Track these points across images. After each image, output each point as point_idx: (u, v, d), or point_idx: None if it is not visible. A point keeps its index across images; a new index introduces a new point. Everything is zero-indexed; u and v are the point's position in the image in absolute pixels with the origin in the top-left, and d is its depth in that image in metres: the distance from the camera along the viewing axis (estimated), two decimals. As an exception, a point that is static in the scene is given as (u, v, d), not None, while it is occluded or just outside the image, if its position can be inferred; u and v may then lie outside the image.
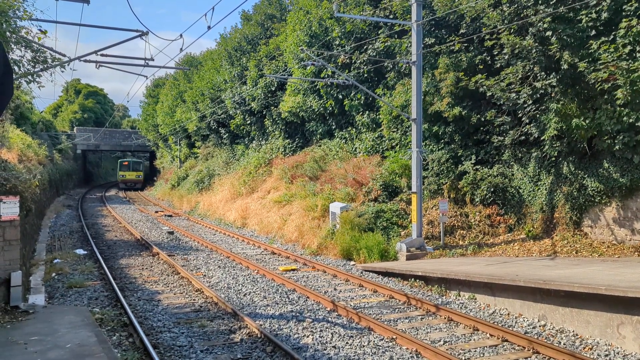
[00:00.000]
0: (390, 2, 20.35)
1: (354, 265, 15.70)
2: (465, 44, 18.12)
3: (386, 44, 21.16)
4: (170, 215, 31.86)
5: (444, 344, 8.89)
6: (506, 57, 15.94)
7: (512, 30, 15.72)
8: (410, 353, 8.38)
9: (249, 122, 34.36)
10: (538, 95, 15.40)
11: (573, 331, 9.37)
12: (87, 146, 64.58)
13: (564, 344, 8.85)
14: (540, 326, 9.78)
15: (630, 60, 12.73)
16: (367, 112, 23.62)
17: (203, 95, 39.51)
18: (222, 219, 28.00)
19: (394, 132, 21.49)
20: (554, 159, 15.69)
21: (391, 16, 20.55)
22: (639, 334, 8.33)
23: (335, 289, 12.77)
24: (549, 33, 14.46)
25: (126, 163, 59.31)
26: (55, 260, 15.82)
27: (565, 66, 14.24)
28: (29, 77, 12.73)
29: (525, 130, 16.19)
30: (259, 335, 9.10)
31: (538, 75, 15.38)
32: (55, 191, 39.83)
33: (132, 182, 58.90)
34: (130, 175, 58.84)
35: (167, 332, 9.40)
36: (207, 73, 39.14)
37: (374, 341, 8.95)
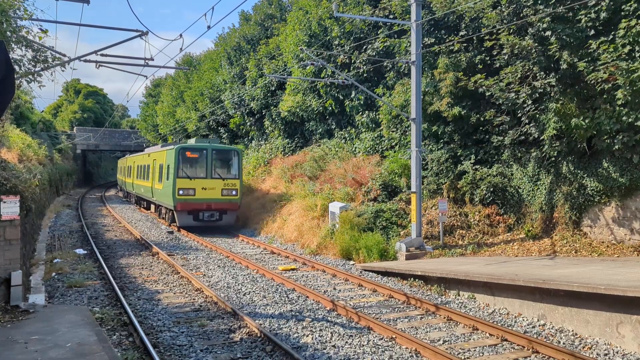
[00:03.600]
0: (389, 2, 20.37)
1: (353, 264, 15.71)
2: (465, 44, 18.13)
3: (385, 44, 21.17)
4: (170, 215, 31.79)
5: (443, 343, 8.91)
6: (505, 57, 15.95)
7: (511, 30, 15.74)
8: (410, 352, 8.40)
9: (248, 122, 34.37)
10: (537, 95, 15.42)
11: (572, 330, 9.39)
12: (86, 146, 64.58)
13: (564, 344, 8.87)
14: (539, 325, 9.80)
15: (629, 61, 12.76)
16: (366, 111, 23.63)
17: (202, 95, 39.52)
18: (221, 218, 27.94)
19: (393, 131, 21.50)
20: (553, 158, 15.70)
21: (390, 16, 20.57)
22: (638, 333, 8.35)
23: (334, 289, 12.79)
24: (548, 33, 14.48)
25: (193, 156, 22.59)
26: (55, 260, 15.82)
27: (565, 66, 14.26)
28: (30, 76, 12.74)
29: (525, 130, 16.21)
30: (258, 335, 9.11)
31: (537, 75, 15.40)
32: (55, 191, 39.83)
33: (214, 209, 22.69)
34: (211, 189, 22.42)
35: (167, 332, 9.41)
36: (206, 73, 39.17)
37: (374, 340, 8.96)
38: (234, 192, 22.55)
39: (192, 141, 24.17)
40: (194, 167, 22.42)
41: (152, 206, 29.27)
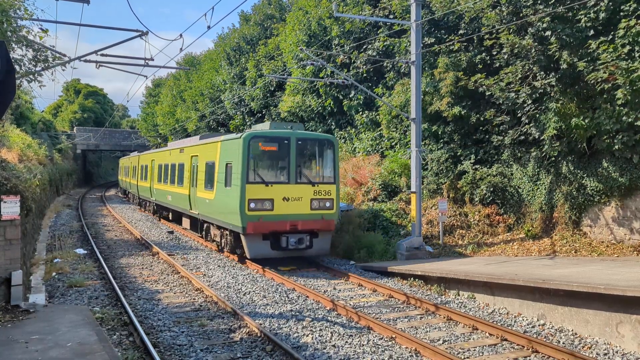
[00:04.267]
0: (389, 1, 20.39)
1: (353, 264, 15.71)
2: (465, 44, 18.15)
3: (385, 44, 21.19)
4: (170, 215, 31.75)
5: (443, 343, 8.91)
6: (505, 56, 15.96)
7: (511, 30, 15.75)
8: (410, 352, 8.41)
9: (248, 122, 34.42)
10: (537, 95, 15.43)
11: (572, 330, 9.40)
12: (87, 146, 64.68)
13: (563, 343, 8.88)
14: (539, 325, 9.81)
15: (629, 60, 12.77)
16: (366, 111, 23.65)
17: (202, 95, 39.56)
18: (221, 218, 27.87)
19: (393, 131, 21.52)
20: (553, 158, 15.71)
21: (390, 16, 20.58)
22: (637, 332, 8.36)
23: (334, 288, 12.79)
24: (548, 33, 14.50)
25: (270, 149, 14.98)
26: (56, 260, 15.83)
27: (565, 66, 14.27)
28: (30, 76, 12.77)
29: (525, 130, 16.22)
30: (258, 335, 9.12)
31: (537, 74, 15.41)
32: (55, 191, 39.85)
33: (302, 231, 14.75)
34: (296, 200, 14.74)
35: (167, 331, 9.42)
36: (207, 73, 39.23)
37: (374, 340, 8.97)
38: (328, 204, 15.07)
39: (263, 127, 16.06)
40: (272, 166, 15.17)
41: (186, 221, 21.61)
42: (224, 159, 15.83)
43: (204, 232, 19.24)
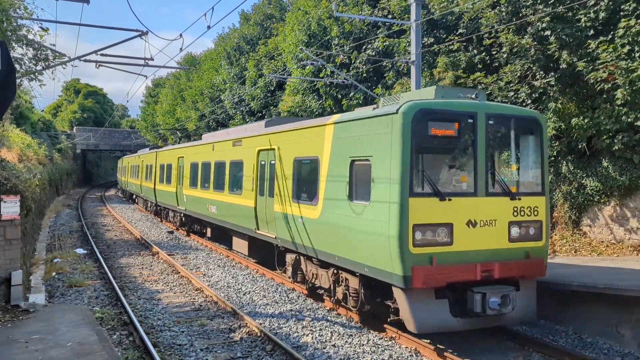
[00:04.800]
0: (388, 1, 20.39)
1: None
2: (464, 44, 18.14)
3: (385, 44, 21.19)
4: (170, 215, 31.74)
5: (442, 342, 8.92)
6: (505, 55, 15.96)
7: (510, 29, 15.75)
8: (410, 352, 8.41)
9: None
10: (537, 95, 15.43)
11: (572, 330, 9.40)
12: (86, 146, 64.72)
13: (563, 343, 8.88)
14: (539, 325, 9.81)
15: (629, 60, 12.77)
16: (366, 111, 23.63)
17: (202, 95, 39.58)
18: (221, 218, 27.85)
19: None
20: (553, 158, 15.71)
21: (390, 16, 20.58)
22: (637, 332, 8.37)
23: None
24: (547, 32, 14.50)
25: (445, 133, 8.28)
26: (56, 260, 15.84)
27: (564, 65, 14.27)
28: (31, 75, 12.79)
29: (525, 129, 16.21)
30: (258, 334, 9.13)
31: (537, 74, 15.42)
32: (55, 191, 39.85)
33: (499, 280, 8.28)
34: (487, 225, 8.39)
35: (167, 331, 9.43)
36: (206, 73, 39.25)
37: (374, 340, 8.98)
38: (533, 232, 8.91)
39: (422, 94, 9.32)
40: (444, 164, 9.11)
41: (242, 243, 15.61)
42: (345, 153, 9.66)
43: (290, 269, 12.59)
